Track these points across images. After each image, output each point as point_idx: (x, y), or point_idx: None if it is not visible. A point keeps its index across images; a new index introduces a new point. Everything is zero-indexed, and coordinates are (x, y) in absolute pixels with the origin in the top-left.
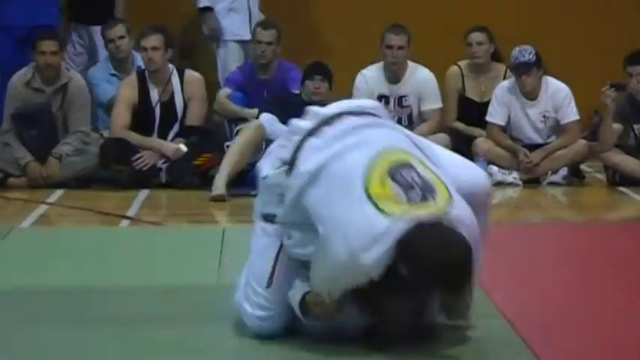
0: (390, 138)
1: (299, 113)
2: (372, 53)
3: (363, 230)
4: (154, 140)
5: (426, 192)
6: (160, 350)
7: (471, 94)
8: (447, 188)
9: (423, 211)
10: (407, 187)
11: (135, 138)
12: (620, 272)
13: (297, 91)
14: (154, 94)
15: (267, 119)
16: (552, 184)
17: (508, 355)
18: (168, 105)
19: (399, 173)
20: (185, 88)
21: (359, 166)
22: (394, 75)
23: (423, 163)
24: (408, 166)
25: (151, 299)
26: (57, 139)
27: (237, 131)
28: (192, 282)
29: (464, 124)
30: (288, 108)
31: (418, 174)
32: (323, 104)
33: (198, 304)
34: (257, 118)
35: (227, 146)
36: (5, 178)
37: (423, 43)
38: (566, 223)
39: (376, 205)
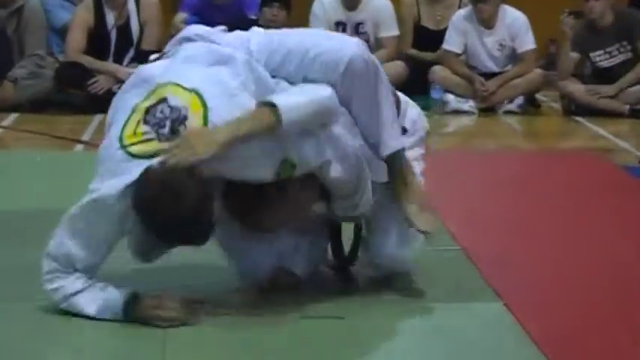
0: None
1: None
2: None
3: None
4: (110, 64)
5: (176, 122)
6: (121, 273)
7: (427, 22)
8: (204, 102)
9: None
10: (157, 126)
11: (90, 62)
12: (574, 200)
13: (254, 17)
14: (110, 18)
15: None
16: (508, 112)
17: (463, 284)
18: (123, 29)
19: (152, 114)
20: (141, 12)
21: (119, 122)
22: (351, 2)
23: (181, 86)
24: (162, 101)
25: None
26: (12, 63)
27: None
28: None
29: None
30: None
31: (170, 106)
32: None
33: None
34: None
35: None
36: None
37: None
38: (521, 151)
39: (128, 152)
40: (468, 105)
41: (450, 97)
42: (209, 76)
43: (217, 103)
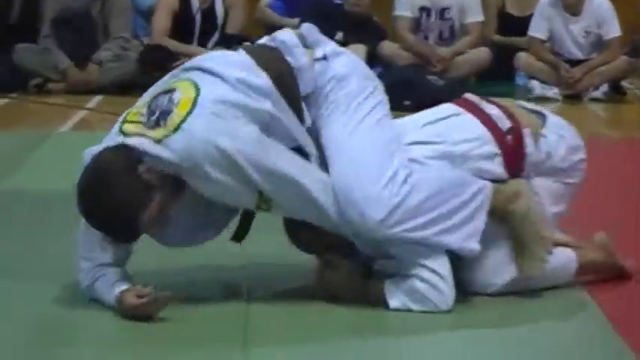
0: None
1: (339, 24)
2: None
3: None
4: (194, 48)
5: (162, 117)
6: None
7: (511, 8)
8: (192, 107)
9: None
10: (150, 114)
11: (175, 45)
12: None
13: (339, 1)
14: (195, 2)
15: (308, 29)
16: (593, 99)
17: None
18: (208, 13)
19: (156, 99)
20: None
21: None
22: None
23: (194, 85)
24: (171, 91)
25: None
26: (96, 45)
27: None
28: None
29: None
30: (329, 18)
31: (170, 99)
32: (365, 16)
33: None
34: (298, 27)
35: None
36: (44, 83)
37: None
38: (606, 138)
39: (120, 127)
40: (553, 92)
41: (535, 83)
42: (224, 94)
43: (202, 116)
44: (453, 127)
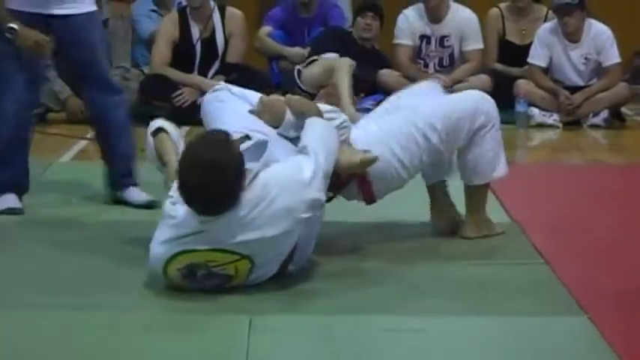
0: None
1: (352, 50)
2: None
3: None
4: (195, 77)
5: None
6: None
7: (512, 36)
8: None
9: None
10: None
11: (175, 75)
12: None
13: (350, 29)
14: (195, 31)
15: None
16: (593, 126)
17: (547, 297)
18: (209, 42)
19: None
20: (226, 24)
21: None
22: (436, 15)
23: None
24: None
25: None
26: None
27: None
28: None
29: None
30: (342, 45)
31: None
32: (373, 46)
33: None
34: (307, 55)
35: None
36: (45, 113)
37: None
38: (607, 165)
39: None
40: (552, 119)
41: (535, 110)
42: None
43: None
44: None
